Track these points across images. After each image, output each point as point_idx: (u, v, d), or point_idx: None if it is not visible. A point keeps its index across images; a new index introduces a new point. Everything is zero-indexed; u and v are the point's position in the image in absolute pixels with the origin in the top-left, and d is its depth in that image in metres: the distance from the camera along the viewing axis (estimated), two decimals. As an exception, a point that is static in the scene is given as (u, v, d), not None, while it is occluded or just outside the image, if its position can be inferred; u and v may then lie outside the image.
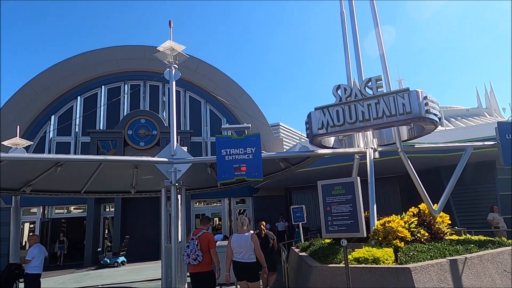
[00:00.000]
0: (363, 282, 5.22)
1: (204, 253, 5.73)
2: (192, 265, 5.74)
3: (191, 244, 5.82)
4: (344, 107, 7.55)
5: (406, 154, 8.04)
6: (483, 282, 5.67)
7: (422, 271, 5.14)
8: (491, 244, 6.70)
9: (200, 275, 5.77)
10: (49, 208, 17.64)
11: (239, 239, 5.69)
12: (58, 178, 8.51)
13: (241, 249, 5.61)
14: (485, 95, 41.56)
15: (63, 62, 18.92)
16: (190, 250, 5.74)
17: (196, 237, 5.89)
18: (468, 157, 8.26)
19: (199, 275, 5.77)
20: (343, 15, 9.66)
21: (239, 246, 5.64)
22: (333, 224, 5.02)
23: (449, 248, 6.12)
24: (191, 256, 5.67)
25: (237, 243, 5.68)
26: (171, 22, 9.26)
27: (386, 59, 8.71)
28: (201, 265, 5.70)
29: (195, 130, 19.83)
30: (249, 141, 7.57)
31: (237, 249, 5.65)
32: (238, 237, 5.75)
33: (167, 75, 8.91)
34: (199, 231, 6.04)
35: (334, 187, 5.11)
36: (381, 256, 5.53)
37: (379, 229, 6.62)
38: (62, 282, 11.32)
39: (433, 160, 12.92)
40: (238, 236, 5.75)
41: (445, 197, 7.89)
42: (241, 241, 5.65)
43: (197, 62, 20.18)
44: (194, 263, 5.66)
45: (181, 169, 8.11)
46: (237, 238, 5.74)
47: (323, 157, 9.27)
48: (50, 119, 18.46)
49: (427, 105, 6.99)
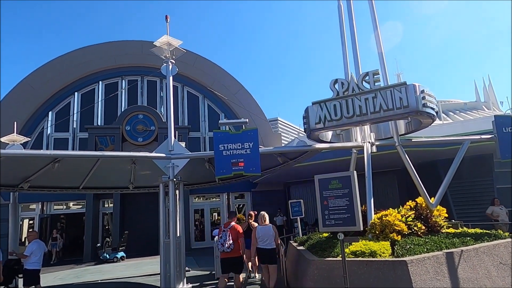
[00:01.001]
0: (360, 275, 5.26)
1: (234, 242, 6.75)
2: (225, 252, 6.71)
3: (224, 235, 6.82)
4: (341, 102, 7.55)
5: (403, 148, 8.07)
6: (479, 274, 5.72)
7: (419, 264, 5.18)
8: (487, 237, 6.75)
9: (232, 260, 6.80)
10: (48, 204, 17.65)
11: (263, 230, 6.96)
12: (56, 174, 8.52)
13: (265, 237, 6.88)
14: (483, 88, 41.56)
15: (60, 58, 18.80)
16: (223, 240, 6.74)
17: (227, 229, 6.89)
18: (465, 151, 8.30)
19: (231, 260, 6.81)
20: (341, 8, 9.64)
21: (263, 235, 6.89)
22: (330, 218, 5.05)
23: (445, 241, 6.16)
24: (225, 245, 6.67)
25: (261, 233, 6.92)
26: (168, 17, 9.20)
27: (384, 54, 8.71)
28: (232, 252, 6.72)
29: (193, 125, 19.80)
30: (246, 136, 7.58)
31: (261, 238, 6.89)
32: (262, 228, 7.00)
33: (164, 70, 8.89)
34: (228, 224, 7.04)
35: (331, 181, 5.13)
36: (377, 250, 5.57)
37: (376, 222, 6.66)
38: (61, 278, 11.36)
39: (431, 154, 12.95)
40: (261, 228, 7.01)
41: (442, 191, 7.93)
42: (265, 231, 6.93)
43: (194, 57, 20.08)
44: (227, 250, 6.67)
45: (179, 165, 8.12)
46: (261, 229, 6.99)
47: (321, 151, 9.28)
48: (47, 115, 18.40)
49: (424, 99, 7.00)
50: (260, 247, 6.92)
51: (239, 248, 6.88)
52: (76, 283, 10.28)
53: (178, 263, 7.89)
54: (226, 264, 6.87)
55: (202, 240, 18.93)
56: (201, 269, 11.24)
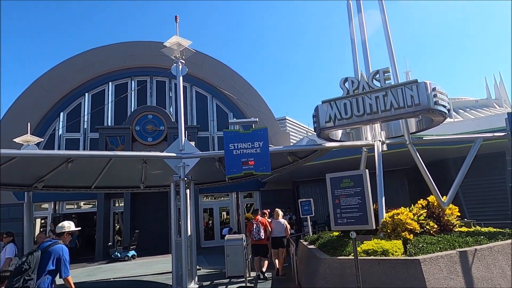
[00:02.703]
0: (373, 274, 5.25)
1: (264, 231, 8.92)
2: (257, 240, 8.87)
3: (257, 226, 8.94)
4: (351, 100, 7.52)
5: (415, 146, 8.02)
6: (493, 273, 5.66)
7: (432, 262, 5.15)
8: (501, 235, 6.66)
9: (261, 246, 8.97)
10: (60, 204, 17.93)
11: (276, 223, 9.26)
12: (69, 174, 8.67)
13: (278, 229, 9.17)
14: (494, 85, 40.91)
15: (70, 59, 19.07)
16: (257, 231, 8.88)
17: (257, 222, 9.02)
18: (478, 149, 8.21)
19: (260, 246, 8.98)
20: (350, 7, 9.60)
21: (276, 227, 9.20)
22: (342, 216, 5.06)
23: (458, 240, 6.10)
24: (260, 234, 8.85)
25: (275, 225, 9.22)
26: (177, 17, 9.28)
27: (394, 52, 8.65)
28: (262, 240, 8.88)
29: (202, 125, 19.90)
30: (256, 135, 7.62)
31: (275, 229, 9.18)
32: (275, 222, 9.30)
33: (174, 71, 8.96)
34: (257, 219, 9.15)
35: (343, 179, 5.14)
36: (390, 248, 5.54)
37: (387, 221, 6.62)
38: (74, 276, 11.42)
39: (441, 152, 12.81)
40: (275, 221, 9.30)
41: (454, 189, 7.85)
42: (279, 224, 9.23)
43: (203, 57, 20.17)
44: (258, 237, 8.84)
45: (190, 164, 8.19)
46: (275, 222, 9.28)
47: (331, 150, 9.26)
48: (59, 116, 18.66)
49: (435, 97, 6.94)
50: (273, 236, 9.13)
51: (266, 237, 9.00)
52: (90, 281, 10.43)
53: (190, 262, 7.96)
54: (257, 249, 9.02)
55: (211, 239, 19.03)
56: (211, 267, 11.31)
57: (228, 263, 9.26)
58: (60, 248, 4.37)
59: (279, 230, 9.14)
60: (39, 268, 4.17)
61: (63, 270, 4.31)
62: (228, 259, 9.31)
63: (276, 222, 9.27)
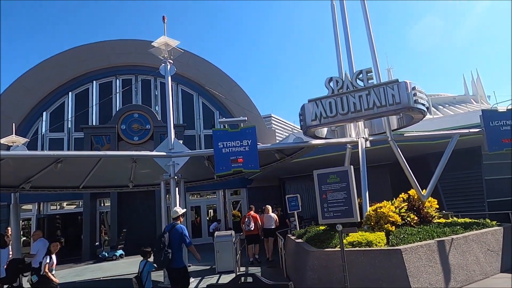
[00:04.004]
0: (358, 264, 5.57)
1: (254, 224, 10.71)
2: (248, 231, 10.67)
3: (248, 219, 10.80)
4: (336, 99, 7.82)
5: (396, 143, 8.39)
6: (468, 260, 6.08)
7: (412, 252, 5.51)
8: (475, 225, 7.13)
9: (253, 236, 10.76)
10: (45, 205, 17.68)
11: (268, 217, 11.00)
12: (57, 174, 8.64)
13: (268, 222, 10.94)
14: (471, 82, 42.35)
15: (52, 58, 18.72)
16: (249, 223, 10.69)
17: (249, 216, 10.87)
18: (455, 144, 8.65)
19: (252, 236, 10.77)
20: (334, 8, 9.89)
21: (267, 220, 10.94)
22: (329, 210, 5.33)
23: (437, 230, 6.51)
24: (250, 226, 10.63)
25: (266, 219, 10.97)
26: (165, 18, 9.36)
27: (376, 52, 9.01)
28: (253, 230, 10.70)
29: (188, 123, 19.92)
30: (245, 133, 7.82)
31: (266, 222, 10.92)
32: (267, 216, 11.03)
33: (162, 71, 9.06)
34: (250, 213, 11.09)
35: (329, 175, 5.40)
36: (373, 240, 5.88)
37: (371, 214, 6.98)
38: (62, 276, 11.47)
39: (422, 147, 13.33)
40: (267, 215, 11.04)
41: (433, 183, 8.28)
42: (269, 217, 10.99)
43: (188, 55, 20.12)
44: (248, 228, 10.65)
45: (179, 163, 8.33)
46: (267, 216, 11.02)
47: (317, 147, 9.57)
48: (42, 116, 18.35)
49: (415, 96, 7.32)
50: (265, 227, 10.92)
51: (257, 228, 10.79)
52: (79, 281, 10.45)
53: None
54: (249, 238, 10.86)
55: (199, 237, 19.14)
56: (201, 264, 11.44)
57: (218, 259, 9.47)
58: (180, 227, 5.82)
59: (269, 223, 10.91)
60: (171, 244, 5.57)
61: (187, 242, 5.80)
62: (218, 255, 9.52)
63: (266, 216, 11.05)
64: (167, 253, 5.44)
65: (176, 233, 5.69)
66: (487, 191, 13.44)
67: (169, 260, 5.46)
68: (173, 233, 5.68)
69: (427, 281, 5.36)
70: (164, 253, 5.43)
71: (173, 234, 5.66)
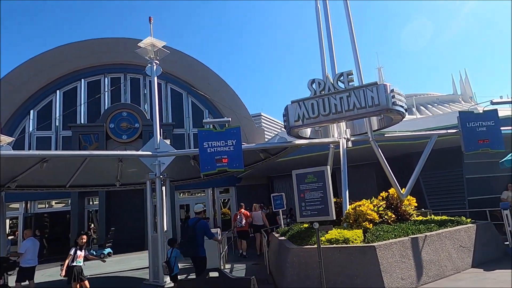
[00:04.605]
0: (334, 260, 5.79)
1: (245, 221, 11.64)
2: (240, 227, 11.61)
3: (240, 216, 11.72)
4: (318, 100, 8.04)
5: (378, 143, 8.64)
6: (440, 256, 6.35)
7: (386, 248, 5.75)
8: (450, 223, 7.41)
9: (243, 232, 11.74)
10: (32, 203, 17.61)
11: (256, 214, 12.22)
12: (43, 173, 8.69)
13: (256, 219, 12.11)
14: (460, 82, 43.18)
15: (40, 56, 18.59)
16: (240, 220, 11.63)
17: (241, 213, 11.78)
18: (433, 144, 8.94)
19: (243, 232, 11.72)
20: (318, 10, 10.08)
21: (256, 217, 12.11)
22: (307, 209, 5.54)
23: (412, 228, 6.76)
24: (242, 222, 11.59)
25: (255, 216, 12.17)
26: (151, 18, 9.46)
27: (358, 53, 9.23)
28: (244, 227, 11.65)
29: (177, 122, 20.00)
30: (230, 133, 7.98)
31: (255, 219, 12.11)
32: (255, 213, 12.27)
33: (148, 71, 9.17)
34: (241, 211, 11.97)
35: (307, 175, 5.61)
36: (350, 237, 6.11)
37: (350, 212, 7.22)
38: (50, 275, 11.51)
39: (406, 147, 13.64)
40: (255, 213, 12.28)
41: (412, 182, 8.55)
42: (257, 215, 12.18)
43: (177, 54, 20.17)
44: (240, 225, 11.60)
45: (165, 162, 8.47)
46: (255, 214, 12.26)
47: (301, 147, 9.78)
48: (29, 114, 18.25)
49: (394, 98, 7.56)
50: (254, 224, 12.12)
51: (248, 225, 11.83)
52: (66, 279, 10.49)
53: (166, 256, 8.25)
54: (240, 233, 11.86)
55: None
56: (187, 262, 11.60)
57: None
58: (204, 222, 6.94)
59: (257, 220, 12.14)
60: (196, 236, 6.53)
61: (208, 235, 6.80)
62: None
63: (255, 213, 12.28)
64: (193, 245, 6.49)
65: (200, 227, 6.68)
66: (468, 190, 13.82)
67: (195, 250, 6.51)
68: (198, 227, 6.64)
69: (400, 276, 5.61)
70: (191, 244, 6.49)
71: (198, 228, 6.62)
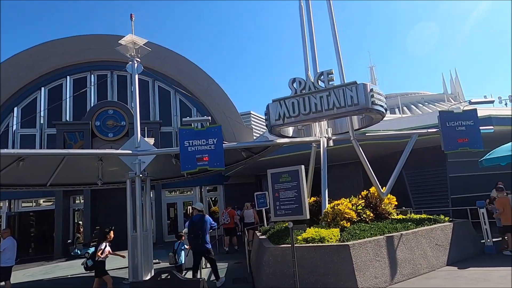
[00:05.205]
0: (309, 259, 5.81)
1: (231, 218, 12.74)
2: (226, 224, 12.65)
3: (225, 214, 12.90)
4: (299, 99, 8.04)
5: (360, 142, 8.68)
6: (415, 254, 6.42)
7: (360, 247, 5.78)
8: (427, 221, 7.50)
9: (230, 228, 12.71)
10: (16, 202, 17.35)
11: (247, 212, 12.98)
12: (21, 172, 8.52)
13: (248, 216, 12.88)
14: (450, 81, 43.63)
15: (24, 52, 18.29)
16: (225, 217, 12.77)
17: (227, 212, 12.94)
18: (414, 144, 9.02)
19: (229, 229, 12.72)
20: (302, 9, 10.07)
21: (247, 216, 12.90)
22: (281, 208, 5.53)
23: (389, 226, 6.83)
24: (226, 220, 12.68)
25: (246, 214, 12.95)
26: (133, 16, 9.35)
27: (340, 52, 9.24)
28: (230, 224, 12.69)
29: (165, 120, 19.85)
30: (211, 132, 7.94)
31: (246, 217, 12.89)
32: (246, 211, 13.01)
33: (129, 69, 9.05)
34: (228, 210, 13.17)
35: (282, 175, 5.60)
36: (326, 236, 6.13)
37: (329, 211, 7.25)
38: (31, 275, 11.38)
39: (392, 146, 13.70)
40: (246, 211, 13.01)
41: (392, 181, 8.62)
42: (248, 213, 12.94)
43: (165, 51, 20.06)
44: (223, 222, 12.76)
45: (146, 161, 8.37)
46: (246, 212, 12.99)
47: (282, 146, 9.78)
48: (12, 111, 17.94)
49: (373, 97, 7.59)
50: (245, 221, 12.77)
51: (233, 222, 12.76)
52: (46, 279, 10.39)
53: (146, 256, 8.20)
54: (227, 231, 12.75)
55: (175, 233, 19.18)
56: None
57: (189, 256, 9.56)
58: (208, 218, 7.74)
59: (248, 217, 12.86)
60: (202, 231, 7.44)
61: (215, 227, 8.00)
62: (190, 252, 9.61)
63: (246, 212, 13.03)
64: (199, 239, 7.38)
65: (206, 222, 7.54)
66: (451, 188, 13.99)
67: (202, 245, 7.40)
68: (204, 222, 7.52)
69: (373, 274, 5.66)
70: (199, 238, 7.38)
71: (204, 223, 7.50)
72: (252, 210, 13.00)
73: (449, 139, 8.86)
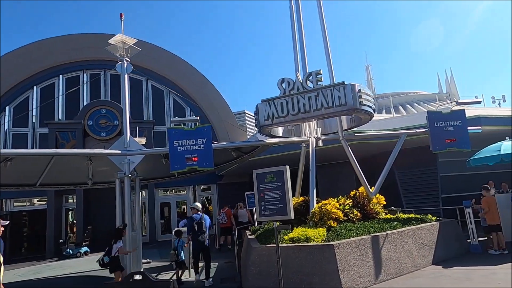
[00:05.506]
0: (295, 259, 5.85)
1: (228, 218, 12.94)
2: (223, 223, 12.95)
3: (223, 215, 13.08)
4: (287, 100, 8.08)
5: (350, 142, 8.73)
6: (400, 254, 6.48)
7: (345, 247, 5.83)
8: (414, 221, 7.56)
9: (226, 228, 12.84)
10: (8, 201, 17.25)
11: (242, 211, 13.27)
12: (10, 172, 8.49)
13: (242, 216, 13.17)
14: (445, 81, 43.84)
15: (17, 51, 18.16)
16: (223, 217, 13.02)
17: (224, 211, 13.16)
18: (402, 143, 9.07)
19: (226, 228, 12.88)
20: (292, 10, 10.10)
21: (242, 215, 13.21)
22: (266, 208, 5.58)
23: (375, 226, 6.88)
24: (223, 220, 12.94)
25: (240, 214, 13.28)
26: (122, 15, 9.35)
27: (330, 52, 9.29)
28: (227, 223, 12.89)
29: (159, 119, 19.80)
30: (200, 132, 7.96)
31: (241, 217, 13.20)
32: (240, 211, 13.31)
33: (119, 69, 9.05)
34: (224, 209, 13.36)
35: (267, 175, 5.64)
36: (312, 236, 6.17)
37: (316, 211, 7.29)
38: (21, 274, 11.34)
39: (383, 146, 13.75)
40: (240, 211, 13.32)
41: (381, 180, 8.67)
42: (242, 212, 13.22)
43: (159, 50, 20.02)
44: (221, 222, 13.05)
45: (135, 161, 8.37)
46: (240, 211, 13.31)
47: (271, 146, 9.81)
48: (4, 110, 17.83)
49: (360, 98, 7.64)
50: (239, 221, 13.00)
51: (230, 222, 12.87)
52: (35, 279, 10.35)
53: (135, 256, 8.21)
54: (223, 230, 13.08)
55: (169, 233, 19.16)
56: (162, 260, 11.57)
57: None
58: (206, 217, 8.12)
59: (243, 217, 13.19)
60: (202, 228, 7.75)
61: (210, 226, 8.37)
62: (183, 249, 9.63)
63: (240, 211, 13.39)
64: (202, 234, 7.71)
65: (206, 221, 7.94)
66: (442, 187, 14.09)
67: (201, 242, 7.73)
68: (204, 221, 7.88)
69: (357, 274, 5.70)
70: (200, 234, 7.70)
71: (204, 222, 7.87)
72: (245, 209, 13.13)
73: (437, 139, 8.92)
